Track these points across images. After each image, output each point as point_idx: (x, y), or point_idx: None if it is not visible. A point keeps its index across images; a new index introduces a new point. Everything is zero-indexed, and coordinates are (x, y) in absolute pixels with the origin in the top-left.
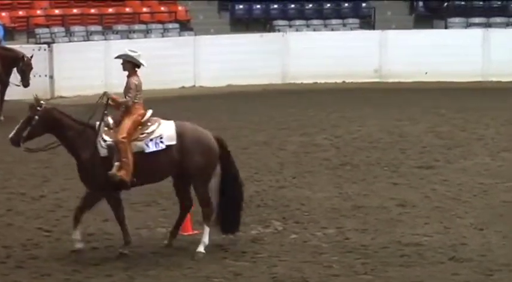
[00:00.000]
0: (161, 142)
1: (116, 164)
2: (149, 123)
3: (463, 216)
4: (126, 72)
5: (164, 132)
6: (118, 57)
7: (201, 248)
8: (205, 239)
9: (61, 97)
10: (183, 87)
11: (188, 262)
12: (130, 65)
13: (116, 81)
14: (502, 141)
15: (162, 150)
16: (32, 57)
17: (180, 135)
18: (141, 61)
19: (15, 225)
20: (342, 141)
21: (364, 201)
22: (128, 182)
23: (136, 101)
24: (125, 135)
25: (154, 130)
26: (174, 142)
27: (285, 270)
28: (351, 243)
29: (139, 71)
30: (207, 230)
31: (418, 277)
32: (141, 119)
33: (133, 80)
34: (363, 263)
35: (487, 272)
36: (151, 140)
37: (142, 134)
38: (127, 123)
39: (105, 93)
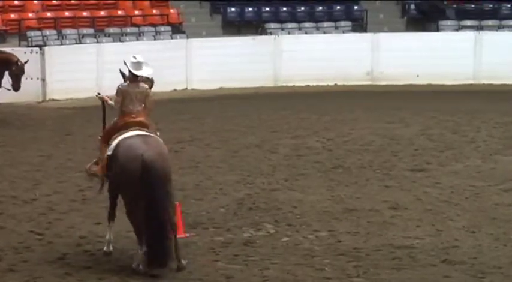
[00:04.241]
0: (109, 150)
1: (94, 160)
2: (122, 131)
3: (455, 218)
4: (118, 75)
5: (115, 141)
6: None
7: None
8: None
9: (53, 100)
10: (175, 90)
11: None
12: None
13: (108, 84)
14: (493, 143)
15: (110, 158)
16: (26, 62)
17: (115, 147)
18: (136, 70)
19: (6, 228)
20: (333, 144)
21: (356, 204)
22: (99, 177)
23: (124, 108)
24: (102, 134)
25: (117, 138)
26: (110, 152)
27: (277, 273)
28: (343, 246)
29: None
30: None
31: (410, 280)
32: (119, 125)
33: (120, 86)
34: (355, 265)
35: (479, 274)
36: (110, 146)
37: (112, 139)
38: (110, 125)
39: (98, 95)
